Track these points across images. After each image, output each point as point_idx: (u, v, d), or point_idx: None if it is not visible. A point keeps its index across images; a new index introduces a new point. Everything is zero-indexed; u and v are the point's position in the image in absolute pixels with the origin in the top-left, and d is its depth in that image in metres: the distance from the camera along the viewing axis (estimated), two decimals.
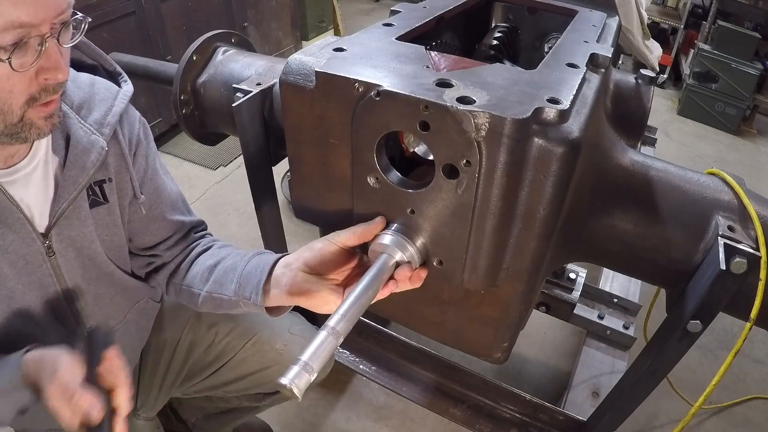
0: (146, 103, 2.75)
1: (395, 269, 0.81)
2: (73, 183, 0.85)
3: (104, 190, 0.91)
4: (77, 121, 0.86)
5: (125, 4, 2.47)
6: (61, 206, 0.84)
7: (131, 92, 0.95)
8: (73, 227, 0.87)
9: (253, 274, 0.91)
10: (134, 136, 0.97)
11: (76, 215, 0.87)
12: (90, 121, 0.87)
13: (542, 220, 0.78)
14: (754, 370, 2.02)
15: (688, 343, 0.96)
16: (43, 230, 0.84)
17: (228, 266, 0.97)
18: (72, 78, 0.87)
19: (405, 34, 1.00)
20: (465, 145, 0.71)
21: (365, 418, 1.70)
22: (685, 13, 4.32)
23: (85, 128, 0.86)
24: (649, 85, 1.19)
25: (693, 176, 0.99)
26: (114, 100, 0.91)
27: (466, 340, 1.08)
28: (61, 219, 0.85)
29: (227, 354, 1.18)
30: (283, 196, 2.39)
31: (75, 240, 0.88)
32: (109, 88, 0.93)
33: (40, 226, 0.84)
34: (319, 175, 0.92)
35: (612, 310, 1.87)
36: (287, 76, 0.85)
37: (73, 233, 0.88)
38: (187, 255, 1.05)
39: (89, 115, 0.88)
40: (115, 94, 0.92)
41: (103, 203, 0.91)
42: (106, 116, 0.89)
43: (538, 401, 1.45)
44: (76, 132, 0.85)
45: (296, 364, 0.65)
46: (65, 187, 0.84)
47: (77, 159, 0.85)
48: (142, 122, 1.01)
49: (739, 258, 0.83)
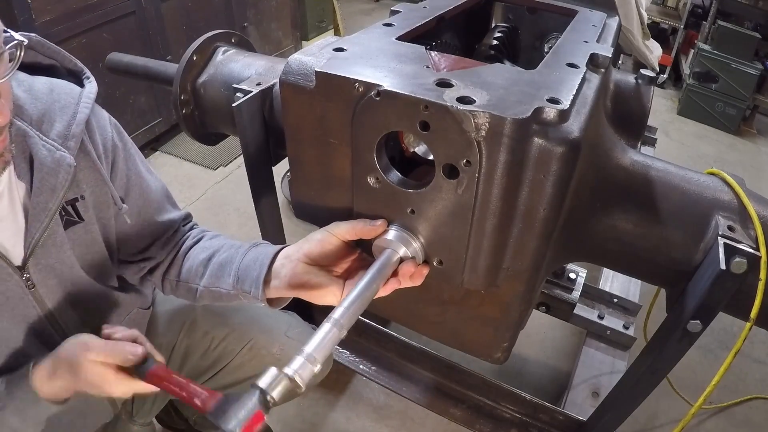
0: (146, 103, 2.76)
1: (399, 265, 0.81)
2: (43, 210, 0.79)
3: (77, 208, 0.85)
4: (38, 139, 0.78)
5: (125, 4, 2.47)
6: (34, 236, 0.79)
7: (95, 92, 0.88)
8: (50, 255, 0.82)
9: (251, 267, 0.89)
10: (108, 142, 0.90)
11: (52, 242, 0.82)
12: (53, 135, 0.80)
13: (542, 220, 0.78)
14: (754, 370, 2.02)
15: (688, 343, 0.96)
16: (19, 263, 0.79)
17: (223, 259, 0.95)
18: (27, 87, 0.81)
19: (405, 34, 1.00)
20: (465, 145, 0.71)
21: (365, 418, 1.70)
22: (685, 13, 4.32)
23: (48, 145, 0.79)
24: (649, 85, 1.19)
25: (693, 176, 0.99)
26: (77, 106, 0.84)
27: (466, 340, 1.08)
28: (36, 248, 0.80)
29: (224, 359, 1.16)
30: (283, 196, 2.38)
31: (54, 267, 0.84)
32: (70, 92, 0.85)
33: (15, 258, 0.79)
34: (319, 175, 0.92)
35: (612, 310, 1.87)
36: (287, 76, 0.84)
37: (51, 261, 0.83)
38: (179, 250, 1.03)
39: (51, 128, 0.80)
40: (78, 99, 0.85)
41: (78, 222, 0.86)
42: (69, 126, 0.81)
43: (538, 401, 1.45)
44: (39, 152, 0.78)
45: (300, 354, 0.64)
46: (35, 216, 0.78)
47: (44, 182, 0.78)
48: (113, 123, 0.94)
49: (739, 258, 0.83)
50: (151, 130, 2.86)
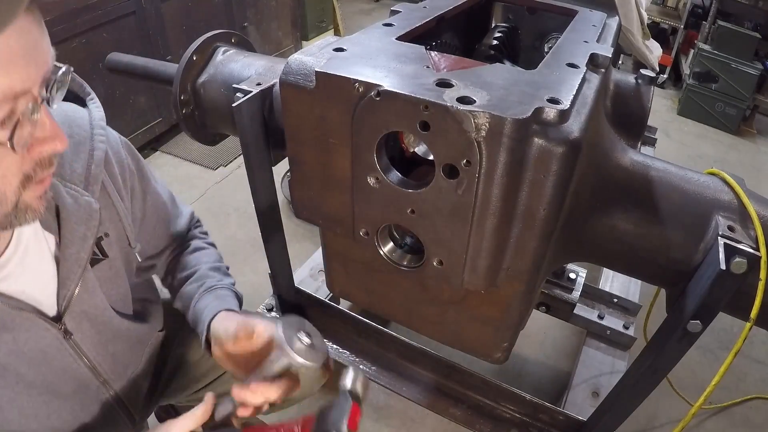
0: (146, 103, 2.75)
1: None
2: (76, 261, 0.77)
3: (102, 246, 0.84)
4: (61, 186, 0.75)
5: (125, 4, 2.46)
6: (69, 289, 0.77)
7: (103, 117, 0.84)
8: (84, 302, 0.81)
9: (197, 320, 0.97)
10: (126, 171, 0.89)
11: (84, 288, 0.80)
12: (74, 179, 0.77)
13: (542, 220, 0.78)
14: (754, 370, 2.02)
15: (688, 343, 0.96)
16: (53, 314, 0.77)
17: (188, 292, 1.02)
18: None
19: (405, 34, 1.00)
20: (465, 145, 0.71)
21: (365, 418, 1.69)
22: (685, 13, 4.32)
23: (72, 191, 0.76)
24: (649, 85, 1.19)
25: (693, 176, 0.99)
26: (92, 142, 0.80)
27: (466, 340, 1.08)
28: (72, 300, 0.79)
29: (218, 369, 1.14)
30: (283, 196, 2.38)
31: (87, 313, 0.83)
32: (81, 124, 0.81)
33: (50, 311, 0.77)
34: (319, 175, 0.92)
35: (612, 310, 1.87)
36: (287, 76, 0.84)
37: (84, 307, 0.82)
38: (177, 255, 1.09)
39: (71, 171, 0.77)
40: (90, 131, 0.80)
41: (103, 259, 0.84)
42: (89, 167, 0.78)
43: (538, 401, 1.45)
44: (64, 200, 0.75)
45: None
46: (69, 268, 0.76)
47: (74, 233, 0.76)
48: (124, 144, 0.91)
49: (739, 258, 0.83)
50: (151, 130, 2.86)
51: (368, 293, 1.16)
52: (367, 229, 0.92)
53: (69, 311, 0.79)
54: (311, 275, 1.85)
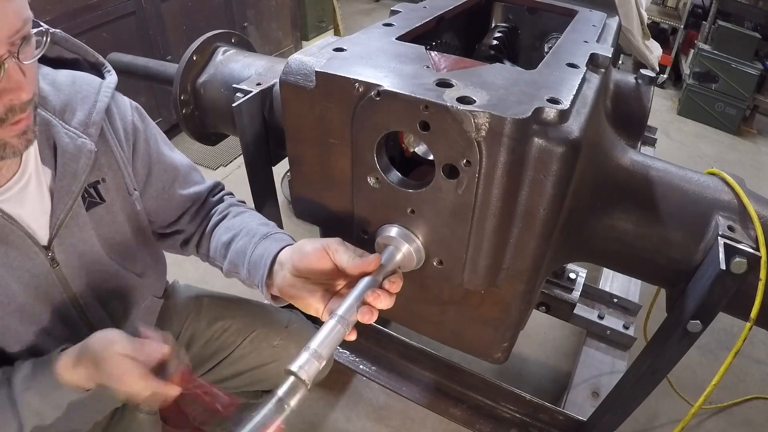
0: (146, 103, 2.75)
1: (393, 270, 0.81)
2: (67, 192, 0.84)
3: (99, 191, 0.90)
4: (61, 127, 0.84)
5: (125, 4, 2.46)
6: (58, 218, 0.84)
7: (115, 82, 0.94)
8: (74, 235, 0.87)
9: (258, 265, 0.90)
10: (129, 125, 0.96)
11: (75, 222, 0.87)
12: (74, 123, 0.86)
13: (542, 220, 0.78)
14: (754, 370, 2.02)
15: (688, 343, 0.96)
16: (44, 243, 0.84)
17: (239, 248, 0.96)
18: (51, 80, 0.86)
19: (405, 34, 1.00)
20: (465, 145, 0.71)
21: (365, 418, 1.70)
22: (685, 13, 4.32)
23: (71, 133, 0.85)
24: (649, 85, 1.19)
25: (693, 176, 0.99)
26: (97, 95, 0.89)
27: (466, 340, 1.08)
28: (60, 229, 0.85)
29: (225, 350, 1.18)
30: (283, 196, 2.38)
31: (77, 246, 0.88)
32: (91, 83, 0.90)
33: (41, 239, 0.83)
34: (319, 175, 0.92)
35: (612, 310, 1.87)
36: (287, 76, 0.85)
37: (74, 240, 0.87)
38: (207, 225, 1.06)
39: (73, 117, 0.86)
40: (98, 89, 0.90)
41: (100, 203, 0.91)
42: (90, 115, 0.87)
43: (538, 401, 1.45)
44: (61, 139, 0.84)
45: (305, 351, 0.64)
46: (60, 198, 0.84)
47: (67, 167, 0.84)
48: (134, 108, 0.99)
49: (739, 258, 0.83)
50: None
51: None
52: (367, 229, 0.92)
53: (59, 242, 0.85)
54: None
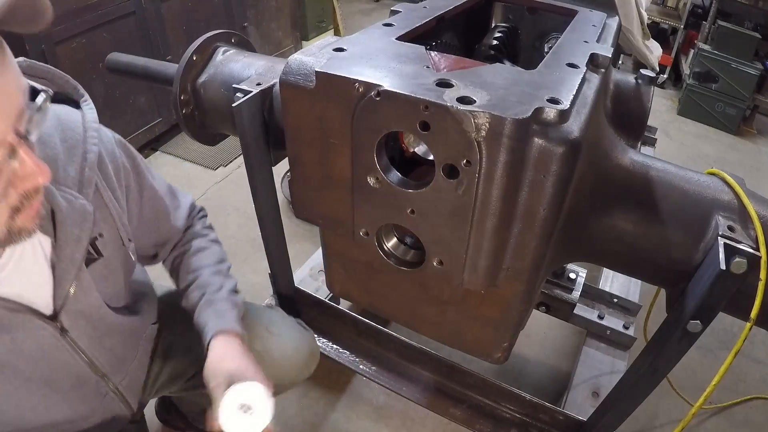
0: (146, 103, 2.75)
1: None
2: (71, 261, 0.78)
3: (97, 246, 0.85)
4: (56, 190, 0.76)
5: (125, 4, 2.46)
6: (65, 288, 0.79)
7: (96, 119, 0.84)
8: (80, 300, 0.83)
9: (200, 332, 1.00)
10: (120, 169, 0.90)
11: (80, 287, 0.82)
12: (68, 182, 0.78)
13: (542, 220, 0.78)
14: (754, 370, 2.02)
15: (688, 343, 0.96)
16: (50, 313, 0.79)
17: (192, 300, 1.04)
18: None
19: (405, 34, 1.00)
20: (465, 145, 0.71)
21: (365, 418, 1.70)
22: (685, 13, 4.31)
23: (67, 195, 0.77)
24: (649, 85, 1.19)
25: (693, 176, 0.99)
26: (84, 144, 0.80)
27: (466, 340, 1.08)
28: (67, 300, 0.80)
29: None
30: (283, 196, 2.38)
31: (83, 311, 0.85)
32: (74, 127, 0.81)
33: (46, 310, 0.79)
34: (319, 175, 0.92)
35: (612, 310, 1.87)
36: (287, 76, 0.85)
37: (80, 306, 0.84)
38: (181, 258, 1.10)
39: (65, 175, 0.78)
40: (83, 133, 0.81)
41: (97, 258, 0.85)
42: (82, 171, 0.79)
43: (538, 401, 1.45)
44: (59, 204, 0.76)
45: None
46: (64, 269, 0.78)
47: (69, 235, 0.77)
48: (119, 143, 0.92)
49: (739, 258, 0.83)
50: (151, 130, 2.86)
51: (368, 293, 1.16)
52: (367, 229, 0.93)
53: (65, 310, 0.81)
54: (311, 275, 1.85)
